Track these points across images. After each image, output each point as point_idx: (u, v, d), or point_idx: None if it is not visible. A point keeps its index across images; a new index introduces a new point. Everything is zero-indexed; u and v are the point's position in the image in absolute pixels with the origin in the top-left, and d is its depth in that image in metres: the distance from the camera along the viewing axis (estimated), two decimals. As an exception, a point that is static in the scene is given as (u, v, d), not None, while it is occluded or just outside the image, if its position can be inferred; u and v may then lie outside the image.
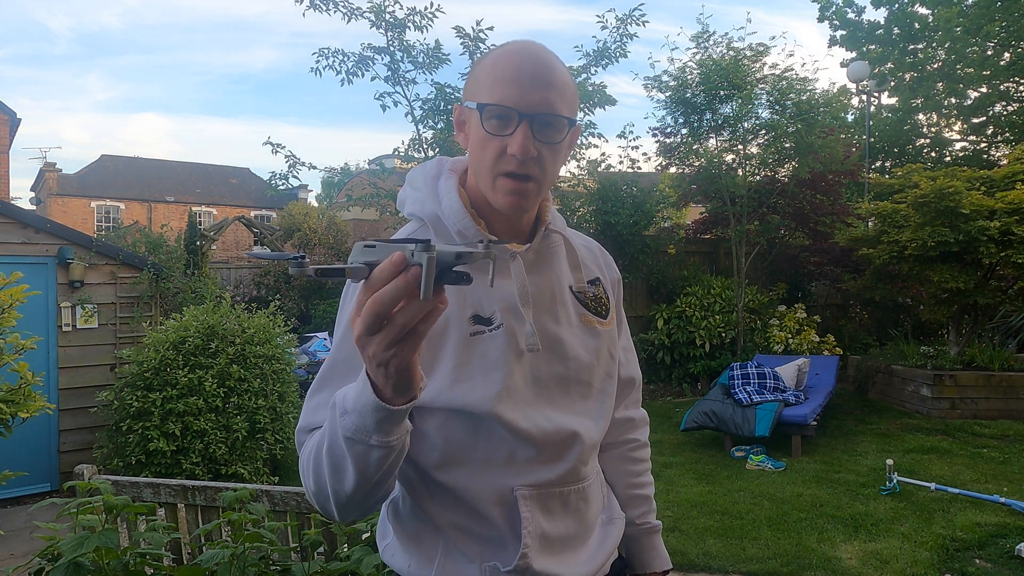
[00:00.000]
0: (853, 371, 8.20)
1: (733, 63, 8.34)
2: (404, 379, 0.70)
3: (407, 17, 6.32)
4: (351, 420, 0.75)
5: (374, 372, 0.70)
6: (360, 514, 0.87)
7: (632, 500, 1.21)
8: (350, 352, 0.89)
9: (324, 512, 0.88)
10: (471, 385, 0.90)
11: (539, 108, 0.88)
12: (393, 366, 0.68)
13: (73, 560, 1.69)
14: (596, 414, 1.03)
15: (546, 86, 0.89)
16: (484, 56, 0.97)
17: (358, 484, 0.79)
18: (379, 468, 0.78)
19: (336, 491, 0.82)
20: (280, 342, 5.20)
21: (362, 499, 0.83)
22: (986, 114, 13.89)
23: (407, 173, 1.08)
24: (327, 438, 0.80)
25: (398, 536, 1.01)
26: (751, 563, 3.51)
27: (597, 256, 1.14)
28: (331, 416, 0.79)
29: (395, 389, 0.71)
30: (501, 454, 0.93)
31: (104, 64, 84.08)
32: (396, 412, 0.72)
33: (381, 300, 0.63)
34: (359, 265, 0.66)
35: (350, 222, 16.44)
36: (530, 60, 0.90)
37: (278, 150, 6.78)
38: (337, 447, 0.78)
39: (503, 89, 0.89)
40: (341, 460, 0.79)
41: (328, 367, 0.95)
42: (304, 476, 0.87)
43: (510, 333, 0.94)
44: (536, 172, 0.91)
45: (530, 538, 0.92)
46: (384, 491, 0.85)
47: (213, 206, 28.08)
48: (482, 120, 0.90)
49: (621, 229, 8.66)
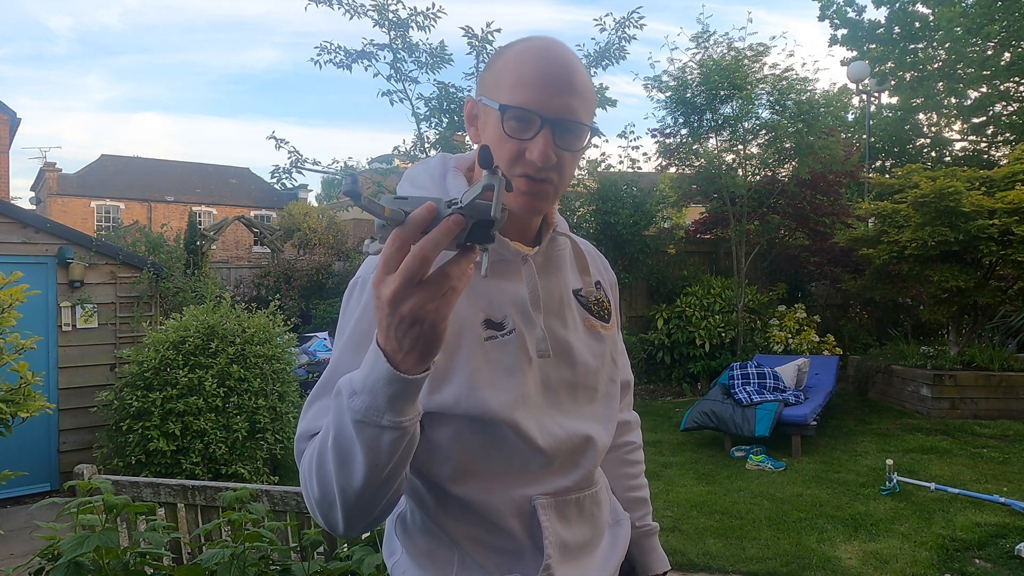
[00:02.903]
0: (853, 371, 8.20)
1: (733, 63, 8.34)
2: (434, 338, 0.67)
3: (410, 17, 6.32)
4: (361, 400, 0.71)
5: (403, 333, 0.67)
6: (367, 523, 0.83)
7: (631, 503, 1.20)
8: (353, 356, 0.87)
9: (328, 523, 0.83)
10: (489, 392, 0.88)
11: (562, 114, 0.87)
12: (429, 322, 0.66)
13: (73, 560, 1.69)
14: (604, 418, 1.02)
15: (570, 92, 0.87)
16: (504, 50, 0.94)
17: (368, 477, 0.75)
18: (391, 456, 0.74)
19: (343, 489, 0.77)
20: (280, 342, 5.20)
21: (371, 498, 0.78)
22: (986, 114, 13.88)
23: (405, 171, 1.04)
24: (333, 429, 0.76)
25: (408, 552, 0.97)
26: (751, 563, 3.51)
27: (596, 259, 1.14)
28: (336, 404, 0.75)
29: (420, 354, 0.68)
30: (516, 463, 0.91)
31: (104, 64, 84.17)
32: (412, 383, 0.69)
33: (427, 247, 0.62)
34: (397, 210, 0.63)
35: (350, 222, 16.45)
36: (555, 62, 0.88)
37: (281, 145, 6.79)
38: (345, 436, 0.74)
39: (526, 91, 0.86)
40: (349, 450, 0.75)
41: (330, 373, 0.91)
42: (306, 483, 0.83)
43: (522, 338, 0.92)
44: (554, 176, 0.89)
45: (552, 548, 0.91)
46: (392, 494, 0.81)
47: (213, 206, 28.07)
48: (502, 121, 0.87)
49: (621, 229, 8.67)
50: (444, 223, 0.62)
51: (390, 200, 0.64)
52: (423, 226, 0.63)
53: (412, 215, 0.63)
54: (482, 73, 0.97)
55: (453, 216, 0.62)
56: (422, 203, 0.63)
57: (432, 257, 0.63)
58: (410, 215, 0.63)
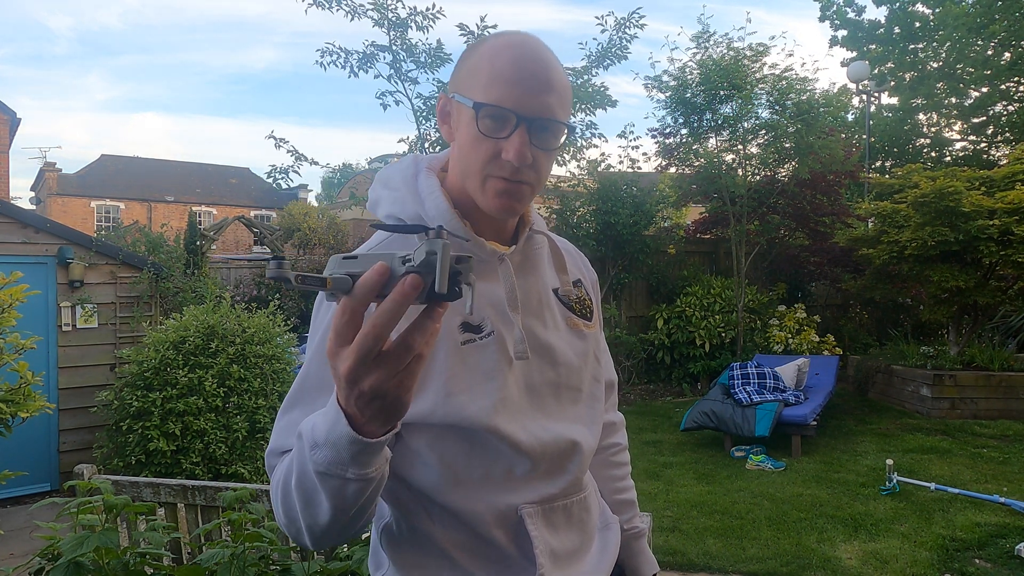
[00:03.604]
0: (853, 371, 8.20)
1: (733, 63, 8.34)
2: (397, 408, 0.63)
3: (409, 17, 6.33)
4: (323, 454, 0.67)
5: (363, 405, 0.62)
6: (338, 543, 0.81)
7: (618, 506, 1.17)
8: (321, 365, 0.83)
9: (296, 541, 0.80)
10: (466, 398, 0.84)
11: (538, 112, 0.84)
12: (392, 397, 0.61)
13: (73, 560, 1.69)
14: (588, 420, 0.99)
15: (546, 89, 0.84)
16: (477, 45, 0.90)
17: (334, 517, 0.72)
18: (356, 501, 0.71)
19: (310, 525, 0.75)
20: (280, 342, 5.19)
21: (340, 530, 0.76)
22: (986, 114, 13.88)
23: (376, 173, 1.01)
24: (296, 470, 0.72)
25: (396, 564, 0.93)
26: (751, 563, 3.51)
27: (575, 257, 1.11)
28: (299, 447, 0.71)
29: (383, 421, 0.64)
30: (499, 470, 0.88)
31: (104, 64, 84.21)
32: (376, 444, 0.65)
33: (381, 320, 0.56)
34: (341, 276, 0.57)
35: (350, 222, 16.44)
36: (530, 58, 0.85)
37: (281, 144, 6.80)
38: (308, 480, 0.71)
39: (501, 88, 0.83)
40: (313, 494, 0.72)
41: (299, 384, 0.87)
42: (274, 504, 0.81)
43: (501, 340, 0.88)
44: (531, 177, 0.86)
45: (543, 557, 0.89)
46: (364, 520, 0.78)
47: (213, 206, 28.10)
48: (477, 119, 0.84)
49: (621, 229, 8.66)
50: (399, 288, 0.55)
51: (337, 263, 0.59)
52: (374, 292, 0.57)
53: (361, 281, 0.56)
54: (455, 68, 0.93)
55: (408, 278, 0.55)
56: (373, 262, 0.57)
57: (387, 331, 0.57)
58: (359, 282, 0.57)
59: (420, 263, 0.56)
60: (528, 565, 0.89)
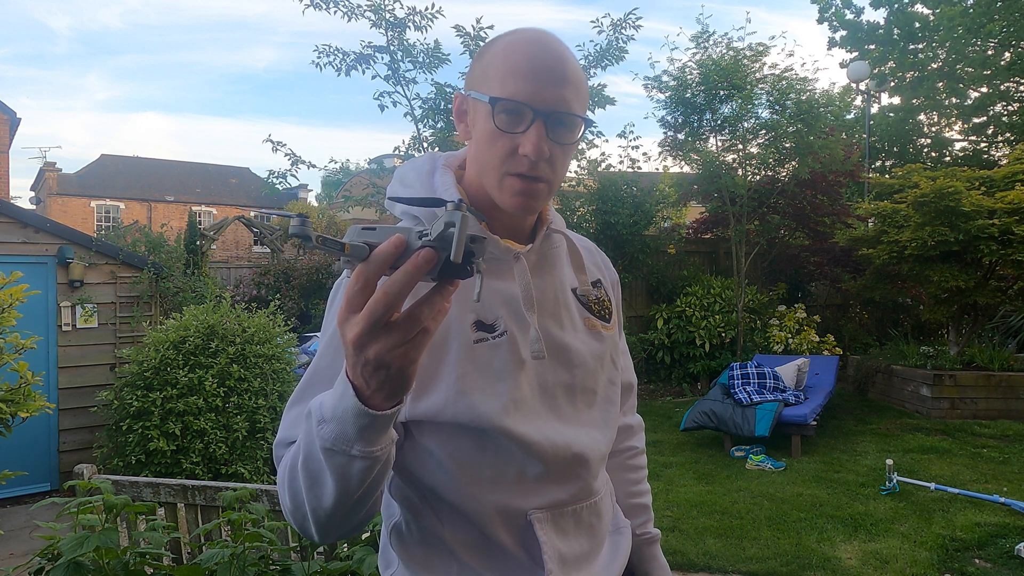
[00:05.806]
0: (853, 371, 8.20)
1: (733, 63, 8.35)
2: (402, 381, 0.64)
3: (407, 17, 6.33)
4: (330, 429, 0.68)
5: (368, 375, 0.63)
6: (342, 535, 0.81)
7: (632, 510, 1.16)
8: (333, 359, 0.85)
9: (302, 532, 0.81)
10: (478, 397, 0.84)
11: (555, 106, 0.83)
12: (396, 367, 0.62)
13: (73, 560, 1.69)
14: (602, 423, 0.98)
15: (562, 82, 0.84)
16: (493, 43, 0.90)
17: (338, 500, 0.73)
18: (362, 482, 0.71)
19: (314, 508, 0.76)
20: (280, 342, 5.20)
21: (343, 517, 0.76)
22: (986, 114, 13.87)
23: (395, 170, 1.00)
24: (303, 450, 0.74)
25: (405, 563, 0.93)
26: (751, 563, 3.51)
27: (596, 257, 1.09)
28: (307, 426, 0.72)
29: (388, 393, 0.64)
30: (511, 471, 0.87)
31: (104, 64, 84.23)
32: (381, 418, 0.66)
33: (393, 289, 0.57)
34: (359, 244, 0.58)
35: (350, 222, 16.44)
36: (546, 53, 0.84)
37: (278, 148, 6.80)
38: (314, 459, 0.72)
39: (517, 83, 0.82)
40: (319, 473, 0.72)
41: (309, 376, 0.88)
42: (281, 493, 0.81)
43: (514, 340, 0.87)
44: (547, 173, 0.85)
45: (552, 562, 0.88)
46: (368, 510, 0.78)
47: (213, 206, 28.10)
48: (493, 114, 0.83)
49: (621, 229, 8.67)
50: (413, 260, 0.56)
51: (356, 232, 0.60)
52: (390, 262, 0.58)
53: (377, 250, 0.58)
54: (471, 67, 0.93)
55: (423, 251, 0.56)
56: (391, 234, 0.58)
57: (398, 300, 0.58)
58: (375, 250, 0.58)
59: (436, 237, 0.58)
60: (536, 568, 0.89)
